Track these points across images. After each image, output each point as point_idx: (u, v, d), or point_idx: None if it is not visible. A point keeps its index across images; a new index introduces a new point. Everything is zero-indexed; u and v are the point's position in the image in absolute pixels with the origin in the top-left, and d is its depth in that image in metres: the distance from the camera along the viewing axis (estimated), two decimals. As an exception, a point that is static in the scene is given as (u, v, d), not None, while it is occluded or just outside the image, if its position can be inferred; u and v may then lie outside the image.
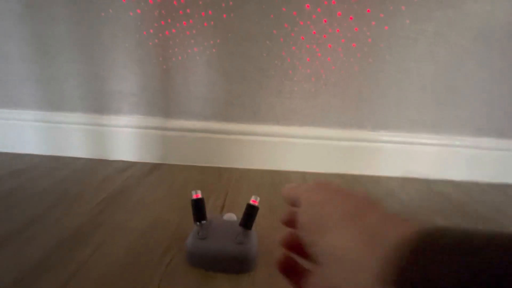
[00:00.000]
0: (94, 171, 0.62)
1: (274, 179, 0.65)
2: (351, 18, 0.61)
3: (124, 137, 0.69)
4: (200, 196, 0.37)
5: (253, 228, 0.35)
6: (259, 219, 0.36)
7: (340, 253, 0.14)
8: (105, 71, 0.65)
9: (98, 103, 0.67)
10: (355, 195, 0.18)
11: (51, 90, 0.66)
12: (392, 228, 0.14)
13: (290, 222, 0.19)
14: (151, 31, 0.62)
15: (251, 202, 0.37)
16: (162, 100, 0.67)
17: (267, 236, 0.38)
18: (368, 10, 0.61)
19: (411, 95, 0.67)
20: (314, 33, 0.62)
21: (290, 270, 0.20)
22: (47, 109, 0.68)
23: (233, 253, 0.34)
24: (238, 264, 0.34)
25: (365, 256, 0.13)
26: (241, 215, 0.36)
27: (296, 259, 0.20)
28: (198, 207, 0.36)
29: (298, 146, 0.69)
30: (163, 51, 0.63)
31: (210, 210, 0.48)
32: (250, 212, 0.36)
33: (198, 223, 0.36)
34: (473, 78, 0.66)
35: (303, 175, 0.69)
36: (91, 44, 0.63)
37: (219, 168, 0.69)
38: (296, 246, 0.19)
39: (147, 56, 0.64)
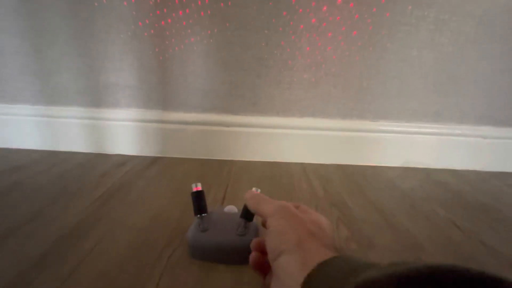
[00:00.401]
0: (93, 166, 0.62)
1: (274, 171, 0.65)
2: (351, 4, 0.59)
3: (122, 131, 0.68)
4: (200, 188, 0.37)
5: (254, 219, 0.35)
6: (260, 211, 0.36)
7: (286, 271, 0.21)
8: (101, 64, 0.63)
9: (95, 96, 0.66)
10: (304, 223, 0.24)
11: (46, 84, 0.65)
12: (317, 257, 0.20)
13: (259, 247, 0.27)
14: (147, 21, 0.60)
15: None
16: (160, 92, 0.66)
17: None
18: (369, -3, 0.59)
19: (412, 84, 0.66)
20: (314, 21, 0.60)
21: (260, 267, 0.27)
22: (43, 103, 0.67)
23: (234, 245, 0.34)
24: (240, 255, 0.34)
25: (298, 276, 0.19)
26: (241, 207, 0.35)
27: (264, 259, 0.27)
28: (199, 200, 0.36)
29: (298, 137, 0.69)
30: (160, 41, 0.62)
31: (211, 203, 0.48)
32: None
33: (199, 215, 0.36)
34: (475, 65, 0.65)
35: (303, 166, 0.68)
36: (85, 36, 0.61)
37: (219, 161, 0.69)
38: (262, 263, 0.27)
39: (143, 47, 0.62)
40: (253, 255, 0.27)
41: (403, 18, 0.61)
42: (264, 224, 0.29)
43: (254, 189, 0.39)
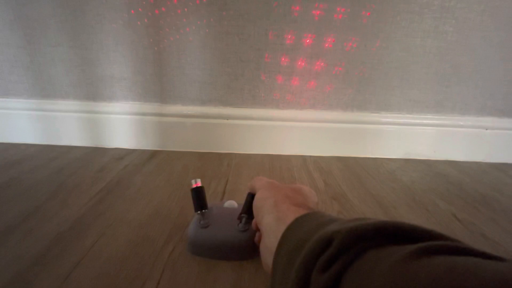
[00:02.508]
0: (91, 160, 0.61)
1: (274, 164, 0.64)
2: (353, -8, 0.57)
3: (120, 124, 0.67)
4: (200, 184, 0.36)
5: None
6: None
7: (267, 228, 0.25)
8: (94, 55, 0.62)
9: (90, 89, 0.65)
10: (281, 189, 0.29)
11: (39, 77, 0.64)
12: (291, 214, 0.23)
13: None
14: (140, 9, 0.58)
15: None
16: (157, 84, 0.65)
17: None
18: (372, -17, 0.57)
19: (414, 74, 0.65)
20: (315, 10, 0.58)
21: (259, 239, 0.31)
22: (38, 96, 0.65)
23: (235, 241, 0.33)
24: (241, 251, 0.34)
25: (277, 230, 0.23)
26: (242, 200, 0.35)
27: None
28: (199, 196, 0.36)
29: (298, 130, 0.68)
30: (154, 32, 0.60)
31: (211, 197, 0.48)
32: (251, 200, 0.35)
33: (199, 212, 0.35)
34: (479, 54, 0.64)
35: (304, 159, 0.68)
36: (77, 26, 0.59)
37: (219, 154, 0.68)
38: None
39: (137, 37, 0.60)
40: (257, 234, 0.32)
41: (407, 6, 0.59)
42: None
43: None
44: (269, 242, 0.24)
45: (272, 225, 0.24)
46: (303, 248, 0.18)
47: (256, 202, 0.29)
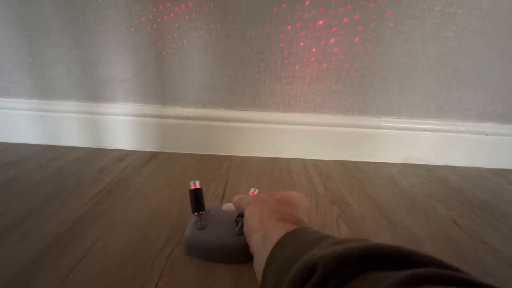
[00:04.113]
0: (91, 161, 0.61)
1: (274, 167, 0.64)
2: (355, -3, 0.58)
3: (121, 125, 0.67)
4: (198, 186, 0.36)
5: None
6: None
7: (255, 248, 0.25)
8: (96, 56, 0.62)
9: (91, 90, 0.65)
10: (267, 203, 0.29)
11: (41, 77, 0.64)
12: (278, 232, 0.23)
13: None
14: (143, 14, 0.58)
15: (250, 193, 0.37)
16: (158, 86, 0.65)
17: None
18: (373, -12, 0.57)
19: (415, 79, 0.65)
20: (316, 14, 0.59)
21: None
22: (39, 97, 0.65)
23: (231, 244, 0.33)
24: (237, 254, 0.34)
25: (264, 250, 0.22)
26: None
27: None
28: (197, 198, 0.36)
29: (299, 133, 0.68)
30: (155, 33, 0.60)
31: (210, 199, 0.48)
32: None
33: (196, 213, 0.35)
34: (479, 59, 0.64)
35: (304, 162, 0.68)
36: (78, 27, 0.60)
37: (219, 156, 0.68)
38: None
39: (139, 39, 0.60)
40: None
41: (408, 11, 0.59)
42: None
43: (252, 189, 0.39)
44: (258, 262, 0.24)
45: (259, 244, 0.24)
46: (289, 274, 0.17)
47: (245, 220, 0.29)
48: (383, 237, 0.41)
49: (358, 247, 0.15)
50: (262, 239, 0.24)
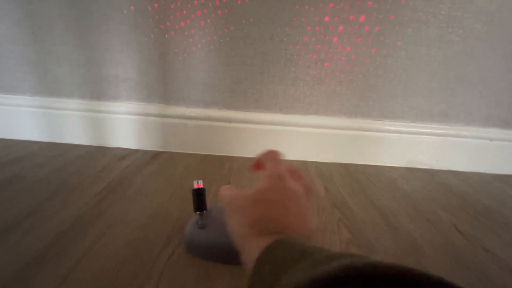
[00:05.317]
0: (93, 159, 0.61)
1: (275, 168, 0.64)
2: (359, 1, 0.57)
3: (123, 124, 0.67)
4: (201, 186, 0.37)
5: None
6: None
7: (236, 231, 0.25)
8: (100, 55, 0.62)
9: (95, 88, 0.65)
10: (245, 211, 0.25)
11: (45, 75, 0.64)
12: (255, 252, 0.20)
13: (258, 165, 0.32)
14: (148, 8, 0.58)
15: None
16: (161, 86, 0.65)
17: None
18: (379, -9, 0.57)
19: (419, 83, 0.65)
20: (320, 17, 0.58)
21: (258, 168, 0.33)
22: (43, 94, 0.66)
23: (230, 244, 0.33)
24: (236, 255, 0.34)
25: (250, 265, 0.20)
26: None
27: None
28: (199, 197, 0.36)
29: (301, 135, 0.68)
30: (160, 33, 0.60)
31: (211, 199, 0.48)
32: None
33: (198, 212, 0.35)
34: (484, 64, 0.63)
35: (305, 164, 0.68)
36: (83, 26, 0.60)
37: (221, 157, 0.68)
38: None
39: (143, 38, 0.60)
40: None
41: (413, 14, 0.59)
42: None
43: None
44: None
45: (244, 258, 0.22)
46: None
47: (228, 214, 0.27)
48: (384, 242, 0.41)
49: (340, 266, 0.13)
50: (245, 257, 0.22)
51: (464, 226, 0.46)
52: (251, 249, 0.21)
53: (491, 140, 0.69)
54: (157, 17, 0.59)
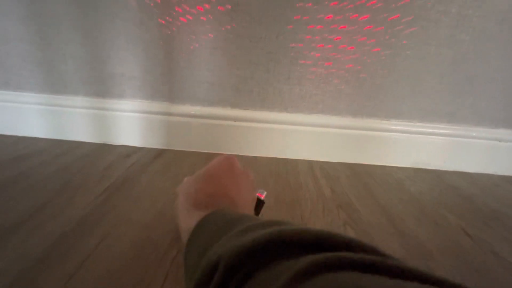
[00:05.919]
0: (98, 157, 0.61)
1: (280, 168, 0.63)
2: (368, -3, 0.56)
3: (128, 122, 0.67)
4: None
5: (260, 215, 0.35)
6: (265, 211, 0.35)
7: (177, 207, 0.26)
8: (106, 53, 0.62)
9: (100, 86, 0.65)
10: (183, 188, 0.28)
11: (51, 72, 0.64)
12: (191, 222, 0.21)
13: None
14: (149, 8, 0.58)
15: (257, 195, 0.37)
16: (166, 84, 0.64)
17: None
18: (388, -12, 0.56)
19: (427, 83, 0.64)
20: (326, 15, 0.58)
21: None
22: (48, 92, 0.66)
23: None
24: None
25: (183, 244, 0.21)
26: None
27: None
28: None
29: (307, 134, 0.67)
30: (165, 32, 0.60)
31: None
32: (256, 206, 0.35)
33: None
34: (494, 65, 0.62)
35: (311, 164, 0.67)
36: (89, 24, 0.59)
37: (224, 156, 0.68)
38: None
39: (148, 36, 0.60)
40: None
41: (423, 13, 0.57)
42: None
43: (259, 190, 0.38)
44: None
45: (181, 236, 0.23)
46: (197, 273, 0.16)
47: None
48: (391, 245, 0.40)
49: (265, 234, 0.14)
50: (182, 233, 0.23)
51: (473, 230, 0.46)
52: (187, 223, 0.21)
53: (499, 141, 0.68)
54: (161, 14, 0.58)
